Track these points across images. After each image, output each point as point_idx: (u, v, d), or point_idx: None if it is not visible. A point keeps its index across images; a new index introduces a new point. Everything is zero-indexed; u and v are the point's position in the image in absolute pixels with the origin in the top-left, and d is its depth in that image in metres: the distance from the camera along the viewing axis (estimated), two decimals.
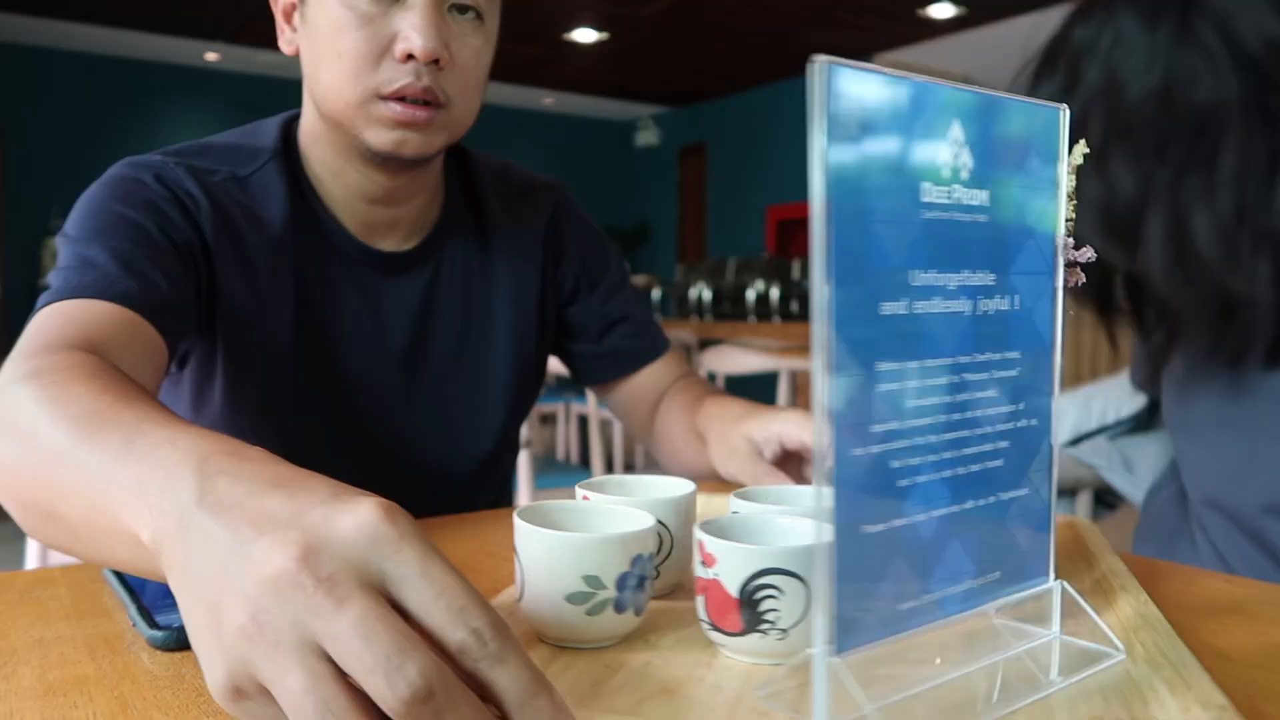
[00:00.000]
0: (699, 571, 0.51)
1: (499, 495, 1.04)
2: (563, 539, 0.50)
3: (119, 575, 0.59)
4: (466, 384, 0.97)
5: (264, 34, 6.50)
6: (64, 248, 0.77)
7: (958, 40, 6.64)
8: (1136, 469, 1.34)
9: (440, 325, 0.96)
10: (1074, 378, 4.01)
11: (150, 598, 0.55)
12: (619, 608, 0.50)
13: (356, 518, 0.36)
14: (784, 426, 0.81)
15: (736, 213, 8.49)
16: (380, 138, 0.82)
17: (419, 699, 0.32)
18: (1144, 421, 1.37)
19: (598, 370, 1.08)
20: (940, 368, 0.43)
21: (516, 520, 0.52)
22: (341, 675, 0.34)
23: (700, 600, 0.51)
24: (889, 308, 0.41)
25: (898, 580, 0.43)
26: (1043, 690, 0.46)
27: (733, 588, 0.48)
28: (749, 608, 0.48)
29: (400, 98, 0.80)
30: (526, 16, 6.09)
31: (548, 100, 8.70)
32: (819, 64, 0.37)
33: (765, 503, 0.61)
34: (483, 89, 0.88)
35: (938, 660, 0.44)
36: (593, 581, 0.49)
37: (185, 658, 0.49)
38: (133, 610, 0.53)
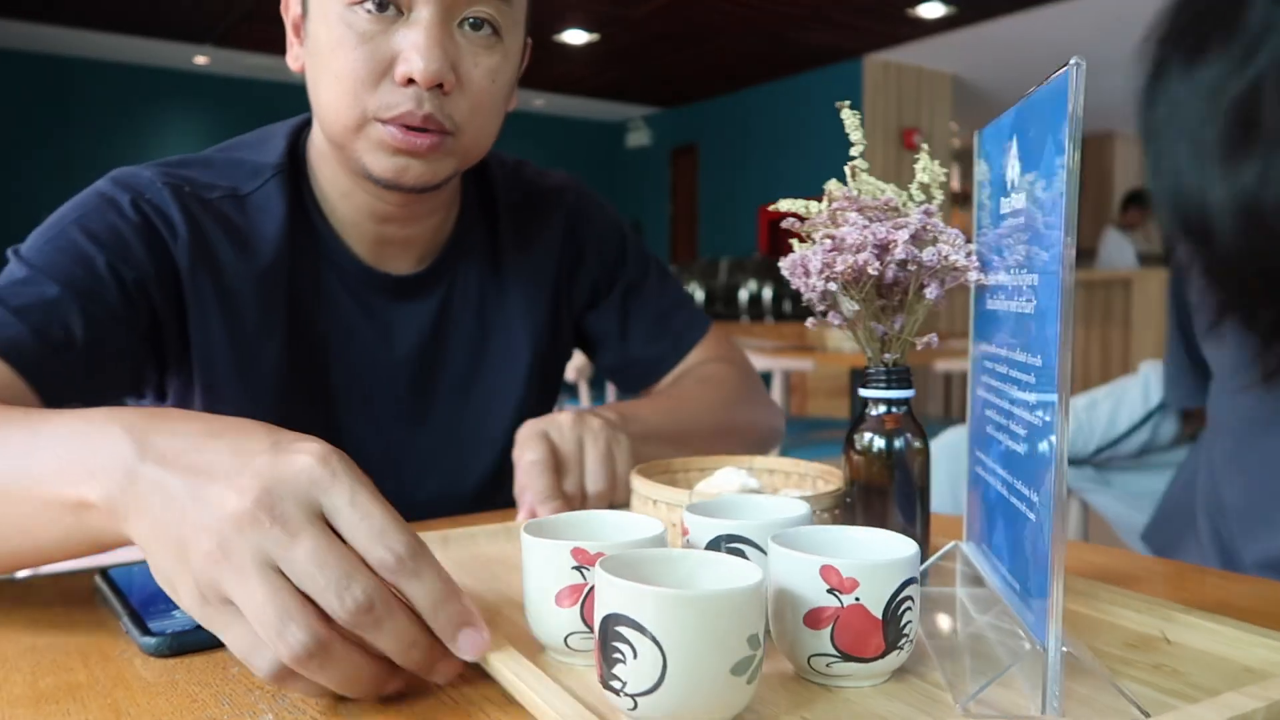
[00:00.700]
0: (820, 602, 0.44)
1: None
2: (728, 598, 0.39)
3: (110, 582, 0.58)
4: (478, 408, 0.93)
5: (253, 37, 6.49)
6: (11, 259, 0.75)
7: (948, 39, 6.66)
8: (1114, 483, 1.32)
9: (452, 349, 0.91)
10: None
11: (139, 603, 0.55)
12: (760, 666, 0.41)
13: (297, 464, 0.43)
14: (518, 449, 0.74)
15: (728, 213, 8.50)
16: (380, 164, 0.76)
17: (363, 610, 0.41)
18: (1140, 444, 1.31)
19: (627, 381, 1.04)
20: (1000, 355, 0.52)
21: (647, 590, 0.39)
22: (294, 587, 0.41)
23: (824, 634, 0.45)
24: (990, 303, 0.55)
25: (981, 522, 0.55)
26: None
27: (878, 609, 0.44)
28: (893, 626, 0.44)
29: (401, 123, 0.74)
30: None
31: (539, 102, 8.70)
32: (978, 135, 0.55)
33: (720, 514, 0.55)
34: (500, 111, 0.81)
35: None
36: (754, 642, 0.40)
37: (178, 664, 0.49)
38: (125, 618, 0.53)
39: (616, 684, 0.40)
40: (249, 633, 0.41)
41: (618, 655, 0.40)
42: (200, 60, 7.23)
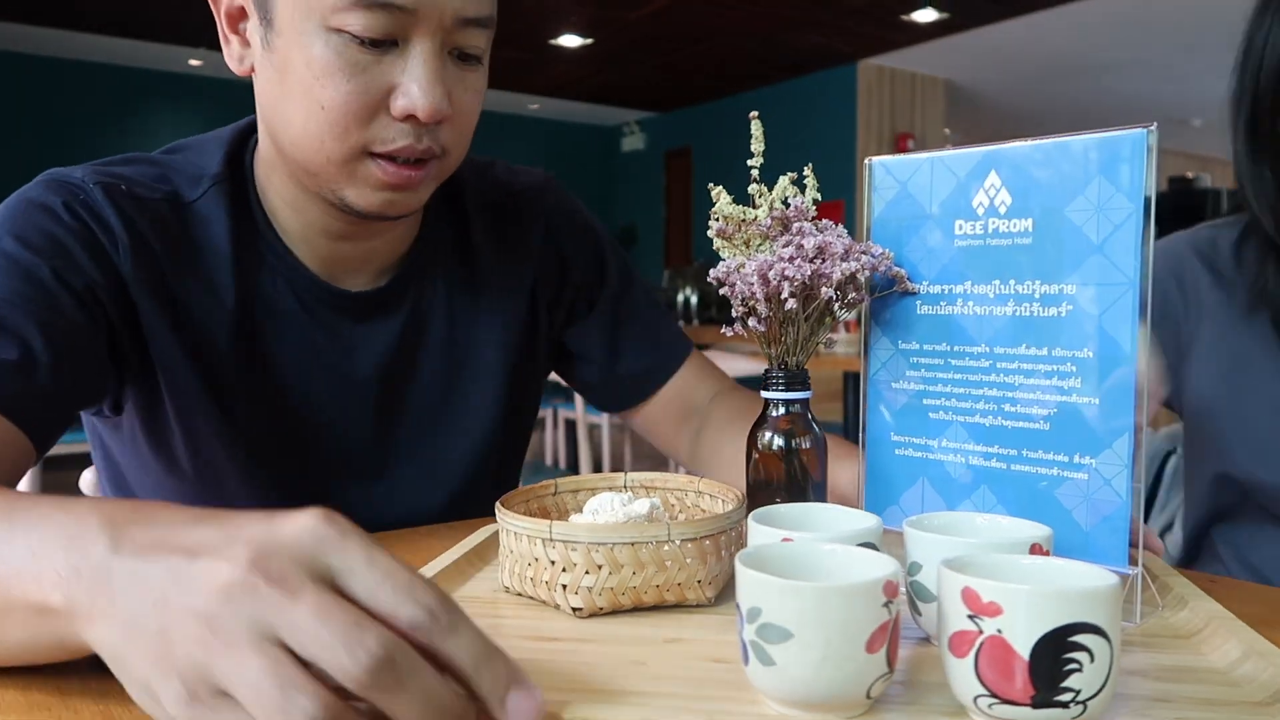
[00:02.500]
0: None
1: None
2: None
3: None
4: (450, 429, 0.87)
5: None
6: None
7: (941, 44, 6.69)
8: None
9: (421, 368, 0.85)
10: None
11: None
12: None
13: (297, 524, 0.37)
14: None
15: None
16: (366, 199, 0.72)
17: (381, 667, 0.34)
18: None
19: (609, 399, 0.98)
20: (976, 352, 0.61)
21: (1106, 591, 0.39)
22: (299, 659, 0.34)
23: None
24: (924, 309, 0.63)
25: (923, 499, 0.63)
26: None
27: None
28: None
29: (396, 157, 0.70)
30: (511, 22, 6.09)
31: (533, 106, 8.70)
32: (870, 164, 0.66)
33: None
34: (475, 124, 0.78)
35: None
36: None
37: None
38: None
39: (1066, 696, 0.39)
40: None
41: (1074, 665, 0.39)
42: (195, 62, 7.22)
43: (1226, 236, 0.95)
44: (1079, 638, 0.38)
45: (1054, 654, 0.38)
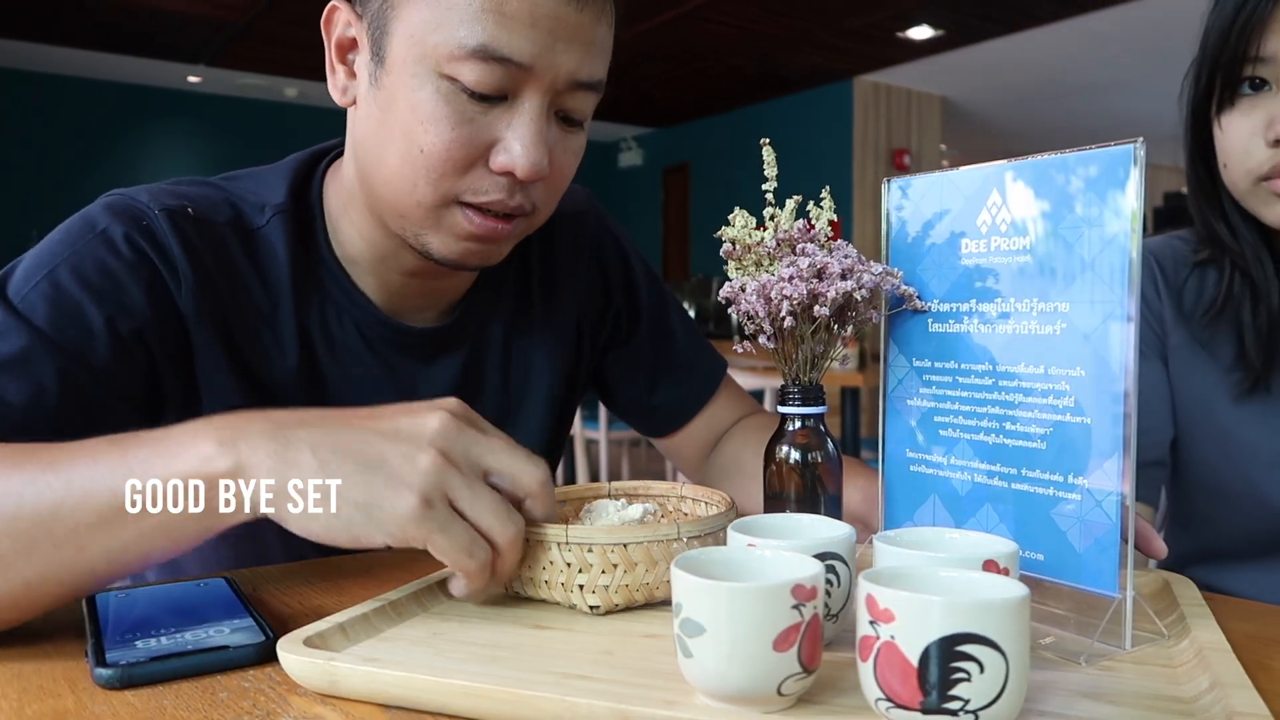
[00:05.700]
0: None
1: None
2: (1027, 599, 0.41)
3: (91, 608, 0.57)
4: None
5: (245, 57, 6.51)
6: None
7: (937, 62, 6.73)
8: None
9: (480, 406, 0.82)
10: None
11: (111, 631, 0.53)
12: None
13: (448, 403, 0.57)
14: None
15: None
16: (448, 247, 0.71)
17: (519, 537, 0.55)
18: None
19: (646, 425, 0.99)
20: (980, 370, 0.61)
21: (998, 604, 0.40)
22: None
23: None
24: (935, 327, 0.64)
25: (934, 515, 0.63)
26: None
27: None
28: None
29: (486, 209, 0.69)
30: None
31: None
32: (887, 183, 0.67)
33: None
34: (568, 185, 0.77)
35: None
36: None
37: (166, 690, 0.49)
38: (89, 646, 0.52)
39: (954, 704, 0.40)
40: (465, 530, 0.52)
41: (961, 675, 0.40)
42: (193, 79, 7.25)
43: (1180, 255, 0.95)
44: (967, 648, 0.39)
45: (941, 662, 0.39)
